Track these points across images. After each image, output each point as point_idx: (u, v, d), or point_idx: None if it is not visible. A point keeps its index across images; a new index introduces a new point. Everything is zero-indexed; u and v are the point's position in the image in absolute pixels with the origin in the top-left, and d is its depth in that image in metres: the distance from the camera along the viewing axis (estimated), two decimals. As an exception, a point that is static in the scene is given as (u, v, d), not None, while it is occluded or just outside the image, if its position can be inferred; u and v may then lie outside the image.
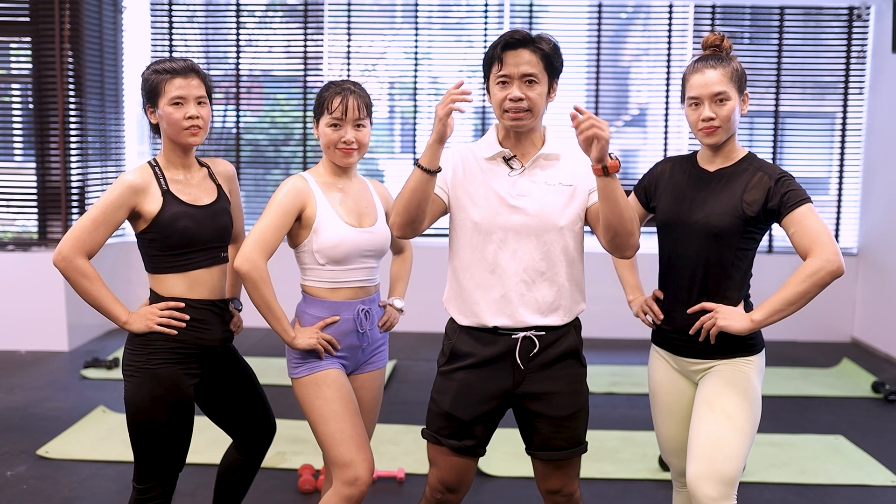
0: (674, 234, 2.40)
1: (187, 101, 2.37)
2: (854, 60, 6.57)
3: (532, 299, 2.26)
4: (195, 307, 2.40)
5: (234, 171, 2.62)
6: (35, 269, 5.85)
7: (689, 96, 2.34)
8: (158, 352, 2.35)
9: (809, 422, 4.62)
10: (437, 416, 2.34)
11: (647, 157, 7.05)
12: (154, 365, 2.34)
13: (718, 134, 2.32)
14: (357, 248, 2.44)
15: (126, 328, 2.37)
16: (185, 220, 2.36)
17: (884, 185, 6.34)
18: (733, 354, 2.34)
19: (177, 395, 2.36)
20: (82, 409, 4.56)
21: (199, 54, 6.88)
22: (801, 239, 2.24)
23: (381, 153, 7.17)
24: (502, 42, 2.20)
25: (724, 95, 2.29)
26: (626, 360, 5.89)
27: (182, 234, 2.36)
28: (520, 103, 2.20)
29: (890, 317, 6.13)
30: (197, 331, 2.40)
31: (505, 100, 2.21)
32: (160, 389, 2.34)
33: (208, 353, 2.45)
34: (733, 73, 2.31)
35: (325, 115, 2.44)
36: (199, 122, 2.38)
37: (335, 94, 2.43)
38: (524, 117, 2.22)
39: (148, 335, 2.35)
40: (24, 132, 6.34)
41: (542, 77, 2.21)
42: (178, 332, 2.36)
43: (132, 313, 2.39)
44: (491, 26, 6.74)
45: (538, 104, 2.23)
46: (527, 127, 2.25)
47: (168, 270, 2.39)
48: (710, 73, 2.30)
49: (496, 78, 2.22)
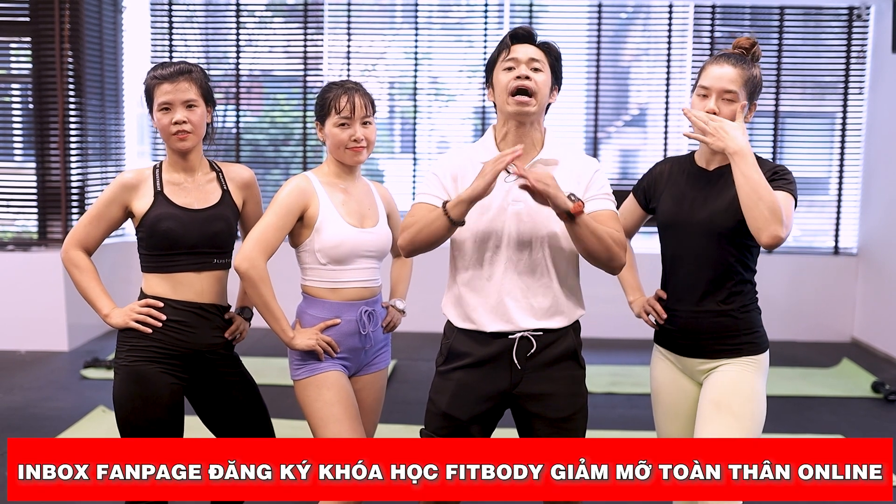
0: (676, 235, 2.40)
1: (174, 105, 2.37)
2: (854, 60, 6.57)
3: (528, 305, 2.25)
4: (176, 308, 2.40)
5: (253, 179, 2.58)
6: (35, 269, 5.85)
7: (701, 84, 2.33)
8: (136, 349, 2.37)
9: (809, 422, 4.62)
10: (435, 415, 2.34)
11: (647, 157, 7.05)
12: (131, 362, 2.37)
13: None
14: (358, 249, 2.45)
15: (106, 321, 2.42)
16: (169, 222, 2.37)
17: (884, 185, 6.34)
18: (738, 354, 2.34)
19: (152, 393, 2.35)
20: (82, 409, 4.56)
21: (199, 54, 6.88)
22: None
23: (381, 153, 7.17)
24: (511, 33, 2.24)
25: (733, 96, 2.29)
26: (626, 360, 5.89)
27: (164, 235, 2.37)
28: (527, 82, 2.19)
29: (890, 317, 6.13)
30: (177, 332, 2.39)
31: (511, 80, 2.20)
32: (136, 387, 2.35)
33: (197, 358, 2.43)
34: (750, 77, 2.31)
35: (332, 115, 2.44)
36: (187, 127, 2.38)
37: (341, 94, 2.44)
38: (529, 102, 2.20)
39: (127, 332, 2.39)
40: (24, 132, 6.34)
41: (546, 69, 2.23)
42: (156, 331, 2.37)
43: (115, 308, 2.42)
44: (491, 26, 6.74)
45: (543, 91, 2.22)
46: (530, 114, 2.22)
47: (152, 270, 2.42)
48: (727, 68, 2.30)
49: (503, 64, 2.23)
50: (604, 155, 6.98)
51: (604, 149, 7.00)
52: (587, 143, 6.77)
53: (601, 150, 6.91)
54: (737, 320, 2.35)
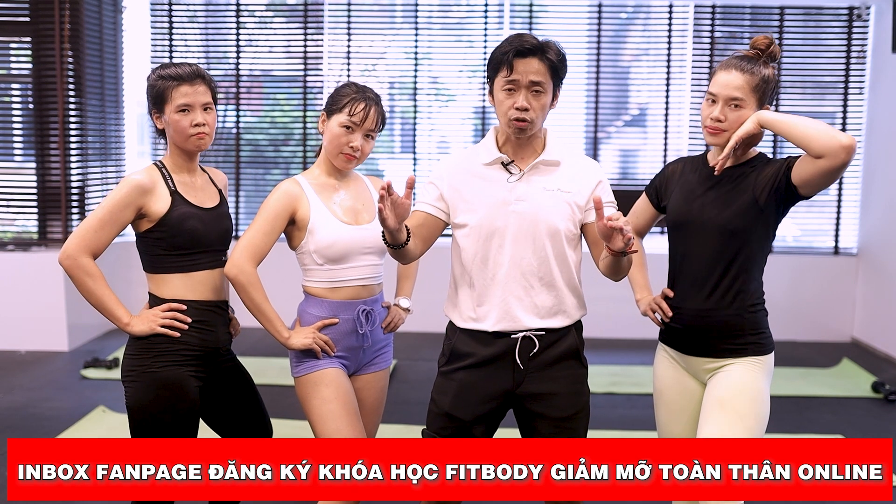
0: (686, 233, 2.40)
1: (194, 108, 2.37)
2: (854, 60, 6.57)
3: (531, 304, 2.26)
4: (198, 308, 2.40)
5: (227, 182, 2.65)
6: (35, 269, 5.85)
7: (710, 91, 2.34)
8: (163, 354, 2.34)
9: (809, 422, 4.62)
10: (437, 416, 2.34)
11: (647, 157, 7.05)
12: (158, 368, 2.33)
13: (722, 137, 2.32)
14: (355, 246, 2.45)
15: (127, 330, 2.36)
16: (193, 221, 2.38)
17: (884, 185, 6.34)
18: (744, 354, 2.34)
19: (182, 398, 2.35)
20: (82, 409, 4.56)
21: (199, 54, 6.88)
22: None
23: (381, 153, 7.17)
24: (513, 49, 2.19)
25: (740, 103, 2.29)
26: (627, 360, 5.89)
27: (190, 234, 2.37)
28: (525, 113, 2.20)
29: (890, 317, 6.13)
30: (201, 332, 2.40)
31: (511, 108, 2.21)
32: (165, 392, 2.33)
33: (211, 356, 2.44)
34: (760, 82, 2.29)
35: (342, 114, 2.44)
36: (206, 129, 2.39)
37: (361, 99, 2.44)
38: (527, 128, 2.22)
39: (151, 338, 2.35)
40: (24, 132, 6.34)
41: (548, 86, 2.22)
42: (182, 334, 2.36)
43: (134, 316, 2.38)
44: (491, 26, 6.74)
45: (542, 115, 2.24)
46: (528, 135, 2.26)
47: (171, 270, 2.39)
48: (735, 74, 2.29)
49: (504, 83, 2.21)
50: (604, 155, 6.98)
51: (604, 149, 7.00)
52: (587, 143, 6.77)
53: (601, 150, 6.91)
54: (743, 320, 2.35)
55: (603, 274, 2.30)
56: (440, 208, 2.31)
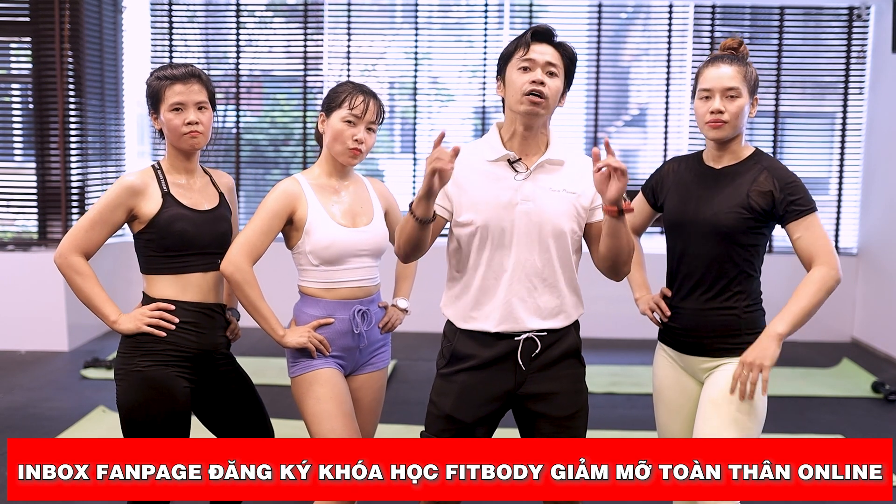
0: (682, 233, 2.40)
1: (187, 106, 2.37)
2: (854, 60, 6.57)
3: (534, 305, 2.25)
4: (187, 309, 2.39)
5: (234, 184, 2.64)
6: (35, 269, 5.85)
7: (701, 88, 2.34)
8: (149, 354, 2.35)
9: (809, 422, 4.62)
10: (437, 418, 2.33)
11: (647, 157, 7.05)
12: (144, 367, 2.34)
13: (725, 129, 2.32)
14: (350, 248, 2.45)
15: (115, 328, 2.38)
16: (183, 223, 2.37)
17: (884, 185, 6.34)
18: (741, 354, 2.34)
19: (169, 397, 2.34)
20: (82, 409, 4.56)
21: (199, 54, 6.88)
22: (807, 245, 2.30)
23: (381, 153, 7.17)
24: (531, 31, 2.21)
25: (736, 92, 2.30)
26: (626, 360, 5.89)
27: (179, 236, 2.37)
28: (541, 87, 2.17)
29: (890, 317, 6.13)
30: (189, 333, 2.39)
31: (526, 83, 2.18)
32: (151, 392, 2.33)
33: (205, 358, 2.43)
34: (748, 74, 2.33)
35: (342, 109, 2.44)
36: (199, 128, 2.39)
37: (359, 93, 2.45)
38: (541, 105, 2.19)
39: (139, 337, 2.36)
40: (24, 132, 6.34)
41: (561, 74, 2.22)
42: (170, 334, 2.35)
43: (122, 314, 2.39)
44: (491, 26, 6.74)
45: (554, 97, 2.22)
46: (540, 115, 2.21)
47: (162, 271, 2.39)
48: (725, 67, 2.32)
49: (519, 62, 2.20)
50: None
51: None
52: (587, 143, 6.76)
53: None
54: (740, 319, 2.35)
55: (603, 272, 2.28)
56: (444, 206, 2.27)
